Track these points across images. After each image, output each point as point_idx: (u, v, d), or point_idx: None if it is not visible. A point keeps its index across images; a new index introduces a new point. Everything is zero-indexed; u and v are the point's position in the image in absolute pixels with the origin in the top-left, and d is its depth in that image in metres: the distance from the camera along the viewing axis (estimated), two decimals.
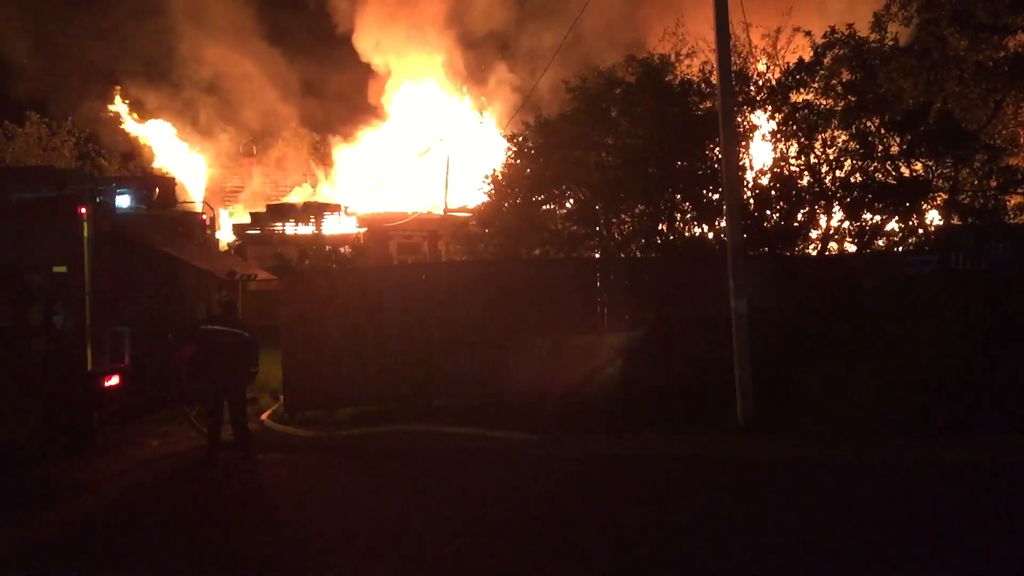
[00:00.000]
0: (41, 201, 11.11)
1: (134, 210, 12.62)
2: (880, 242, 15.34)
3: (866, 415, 10.85)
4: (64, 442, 11.15)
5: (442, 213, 30.45)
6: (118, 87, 35.38)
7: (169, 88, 38.01)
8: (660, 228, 15.52)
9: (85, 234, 10.84)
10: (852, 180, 15.05)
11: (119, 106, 34.98)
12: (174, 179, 16.63)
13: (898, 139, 15.09)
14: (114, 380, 11.30)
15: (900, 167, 15.13)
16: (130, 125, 35.13)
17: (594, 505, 8.71)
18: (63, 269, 10.85)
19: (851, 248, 15.41)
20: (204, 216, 14.59)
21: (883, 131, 15.01)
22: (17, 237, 10.98)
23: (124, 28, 37.29)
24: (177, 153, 36.49)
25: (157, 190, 13.29)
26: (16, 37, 33.04)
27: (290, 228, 32.03)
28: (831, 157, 15.13)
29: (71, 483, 10.21)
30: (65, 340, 10.90)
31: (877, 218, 15.17)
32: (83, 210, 10.86)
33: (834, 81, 15.17)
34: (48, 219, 10.96)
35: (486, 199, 17.60)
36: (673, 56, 16.81)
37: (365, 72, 39.36)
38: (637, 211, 15.61)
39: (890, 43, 15.55)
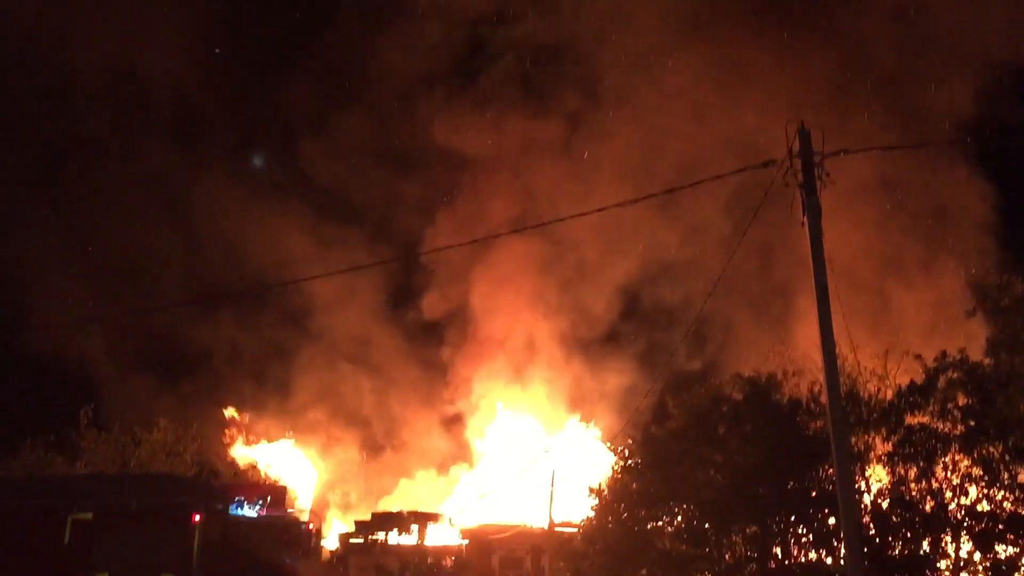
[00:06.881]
0: (158, 507, 11.48)
1: (245, 517, 12.86)
2: None
3: None
4: None
5: (546, 527, 29.84)
6: (235, 408, 37.48)
7: (283, 400, 40.16)
8: (774, 552, 14.78)
9: (196, 541, 11.05)
10: (979, 509, 14.18)
11: (237, 422, 36.89)
12: (285, 488, 17.05)
13: None
14: None
15: None
16: (242, 442, 36.81)
17: None
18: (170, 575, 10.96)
19: None
20: (310, 525, 14.74)
21: (1008, 457, 14.29)
22: (133, 543, 11.24)
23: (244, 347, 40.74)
24: (289, 462, 37.60)
25: (268, 498, 13.60)
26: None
27: (393, 537, 31.69)
28: (954, 483, 14.42)
29: None
30: None
31: (1011, 550, 14.04)
32: (197, 517, 11.16)
33: (950, 404, 14.77)
34: (163, 526, 11.28)
35: (591, 514, 17.27)
36: (780, 374, 16.89)
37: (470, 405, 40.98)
38: (748, 532, 15.00)
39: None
